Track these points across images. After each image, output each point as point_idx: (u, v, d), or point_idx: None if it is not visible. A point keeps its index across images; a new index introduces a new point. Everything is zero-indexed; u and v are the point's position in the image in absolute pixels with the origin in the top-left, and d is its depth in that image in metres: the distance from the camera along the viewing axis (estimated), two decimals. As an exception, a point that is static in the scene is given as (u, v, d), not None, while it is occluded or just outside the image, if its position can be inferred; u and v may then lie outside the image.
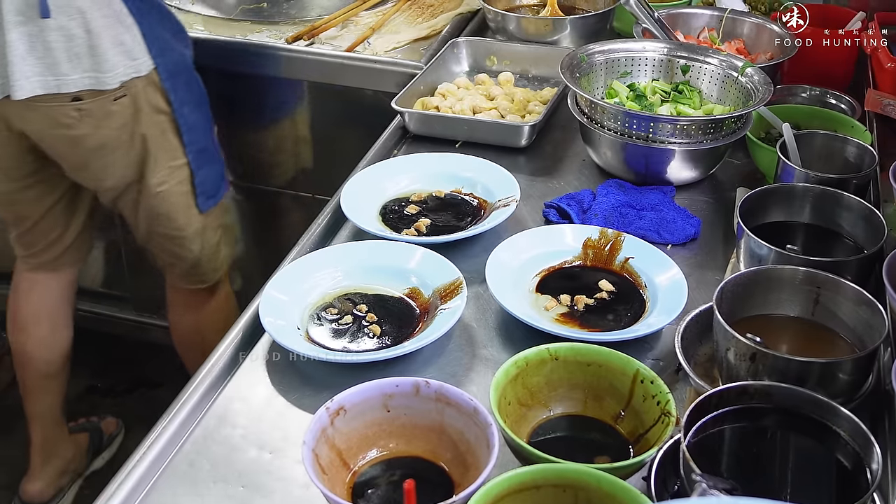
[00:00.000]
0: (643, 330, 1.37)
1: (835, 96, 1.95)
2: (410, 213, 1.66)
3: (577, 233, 1.56)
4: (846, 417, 1.06)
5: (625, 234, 1.53)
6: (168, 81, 2.01)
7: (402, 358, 1.34)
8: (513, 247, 1.52)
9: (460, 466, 1.14)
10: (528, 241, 1.54)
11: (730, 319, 1.20)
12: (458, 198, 1.71)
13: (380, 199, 1.69)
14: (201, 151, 2.11)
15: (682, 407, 1.19)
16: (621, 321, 1.42)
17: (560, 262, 1.53)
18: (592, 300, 1.45)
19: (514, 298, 1.43)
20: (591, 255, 1.53)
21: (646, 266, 1.49)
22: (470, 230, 1.60)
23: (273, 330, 1.36)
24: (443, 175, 1.74)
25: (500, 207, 1.64)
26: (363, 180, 1.72)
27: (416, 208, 1.68)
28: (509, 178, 1.69)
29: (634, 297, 1.46)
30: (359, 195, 1.67)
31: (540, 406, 1.23)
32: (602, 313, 1.43)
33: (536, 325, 1.37)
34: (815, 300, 1.28)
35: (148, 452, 1.23)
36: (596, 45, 1.90)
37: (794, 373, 1.14)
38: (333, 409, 1.15)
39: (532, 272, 1.50)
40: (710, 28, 2.15)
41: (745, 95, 1.79)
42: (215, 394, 1.33)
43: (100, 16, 1.88)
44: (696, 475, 0.99)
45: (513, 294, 1.44)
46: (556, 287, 1.48)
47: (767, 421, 1.10)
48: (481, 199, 1.70)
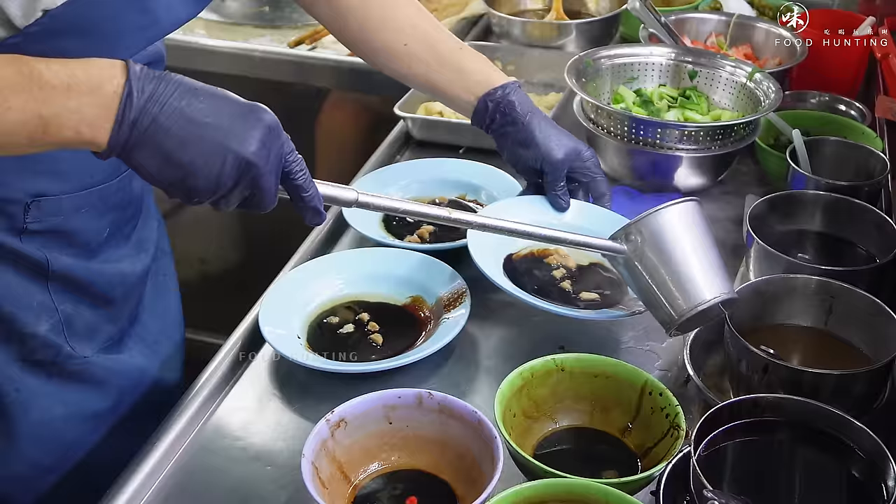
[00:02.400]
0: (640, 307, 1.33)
1: (845, 102, 1.93)
2: (413, 220, 1.64)
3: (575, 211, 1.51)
4: (861, 431, 1.04)
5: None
6: None
7: (404, 368, 1.32)
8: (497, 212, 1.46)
9: (464, 480, 1.12)
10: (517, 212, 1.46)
11: (741, 330, 1.18)
12: (462, 204, 1.69)
13: None
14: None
15: (691, 420, 1.17)
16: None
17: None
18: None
19: (496, 270, 1.39)
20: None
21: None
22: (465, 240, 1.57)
23: (273, 339, 1.33)
24: (446, 181, 1.72)
25: None
26: (366, 186, 1.69)
27: None
28: (514, 184, 1.67)
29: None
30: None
31: (545, 418, 1.20)
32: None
33: (521, 297, 1.34)
34: (828, 310, 1.26)
35: (143, 464, 1.20)
36: (602, 50, 1.88)
37: (808, 385, 1.12)
38: (334, 421, 1.12)
39: (515, 246, 1.46)
40: (717, 33, 2.12)
41: (753, 101, 1.76)
42: (213, 404, 1.31)
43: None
44: (707, 491, 0.96)
45: (495, 267, 1.40)
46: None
47: (780, 435, 1.08)
48: (485, 204, 1.67)
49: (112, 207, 1.37)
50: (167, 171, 1.03)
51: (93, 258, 1.36)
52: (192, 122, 1.02)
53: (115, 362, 1.42)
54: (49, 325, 1.32)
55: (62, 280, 1.32)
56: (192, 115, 1.02)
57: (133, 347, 1.46)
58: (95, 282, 1.36)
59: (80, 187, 1.30)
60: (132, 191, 1.41)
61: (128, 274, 1.42)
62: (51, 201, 1.27)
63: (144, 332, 1.49)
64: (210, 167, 1.03)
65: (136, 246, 1.45)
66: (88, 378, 1.38)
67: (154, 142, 1.01)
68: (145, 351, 1.48)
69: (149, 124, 1.00)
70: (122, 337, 1.45)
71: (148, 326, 1.50)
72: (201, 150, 1.02)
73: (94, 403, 1.39)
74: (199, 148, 1.02)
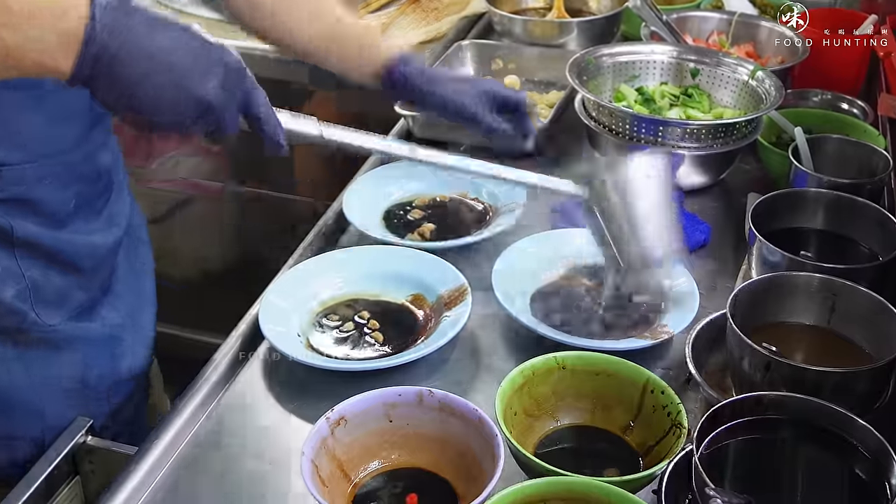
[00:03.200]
0: (653, 339, 1.34)
1: (847, 100, 1.92)
2: (414, 218, 1.63)
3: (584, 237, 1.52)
4: (864, 429, 1.03)
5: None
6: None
7: (404, 366, 1.31)
8: (519, 252, 1.48)
9: (464, 479, 1.11)
10: (536, 245, 1.50)
11: (744, 328, 1.17)
12: (464, 202, 1.68)
13: (383, 204, 1.67)
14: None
15: (693, 418, 1.16)
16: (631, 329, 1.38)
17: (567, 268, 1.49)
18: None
19: (521, 305, 1.40)
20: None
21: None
22: (475, 235, 1.56)
23: (273, 337, 1.33)
24: (448, 179, 1.71)
25: (506, 212, 1.61)
26: (367, 183, 1.69)
27: (420, 213, 1.65)
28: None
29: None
30: (362, 199, 1.64)
31: (547, 416, 1.20)
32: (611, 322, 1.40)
33: (543, 333, 1.34)
34: (831, 308, 1.25)
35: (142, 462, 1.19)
36: (603, 48, 1.87)
37: (811, 383, 1.11)
38: (334, 419, 1.12)
39: (539, 278, 1.47)
40: (719, 31, 2.12)
41: (755, 99, 1.76)
42: (213, 402, 1.30)
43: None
44: (710, 489, 0.95)
45: (520, 301, 1.41)
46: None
47: (782, 433, 1.07)
48: (487, 203, 1.67)
49: (78, 179, 1.35)
50: (126, 104, 1.02)
51: (61, 228, 1.35)
52: (153, 58, 1.00)
53: (85, 330, 1.41)
54: (15, 292, 1.31)
55: (28, 247, 1.31)
56: (154, 51, 1.00)
57: (105, 316, 1.45)
58: (64, 250, 1.36)
59: (40, 156, 1.29)
60: (100, 163, 1.40)
61: (98, 246, 1.42)
62: (14, 170, 1.26)
63: (118, 302, 1.48)
64: (169, 104, 1.02)
65: (107, 220, 1.44)
66: (55, 346, 1.38)
67: (114, 74, 0.99)
68: (117, 320, 1.47)
69: (110, 58, 0.98)
70: (93, 305, 1.44)
71: (122, 297, 1.49)
72: (161, 87, 1.01)
73: (59, 370, 1.39)
74: (158, 84, 1.01)
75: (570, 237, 1.52)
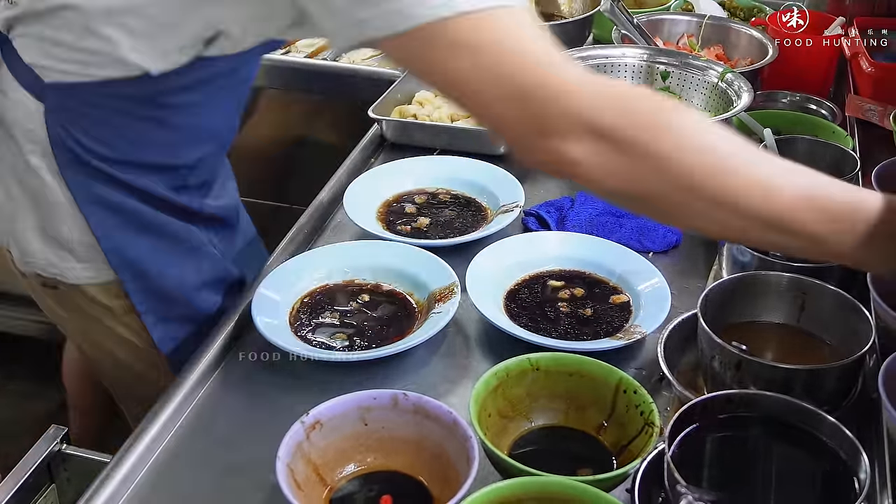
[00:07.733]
0: (625, 339, 1.35)
1: (815, 102, 1.94)
2: (410, 214, 1.65)
3: (558, 240, 1.54)
4: (833, 426, 1.04)
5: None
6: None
7: (387, 362, 1.32)
8: (493, 254, 1.49)
9: (440, 481, 1.12)
10: (509, 248, 1.51)
11: (714, 327, 1.18)
12: (470, 201, 1.70)
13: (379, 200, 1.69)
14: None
15: (666, 417, 1.17)
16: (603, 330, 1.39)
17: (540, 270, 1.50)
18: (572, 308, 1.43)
19: (493, 307, 1.40)
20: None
21: (627, 274, 1.47)
22: (467, 236, 1.58)
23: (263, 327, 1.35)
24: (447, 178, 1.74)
25: (503, 213, 1.63)
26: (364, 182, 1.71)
27: (415, 209, 1.67)
28: (515, 183, 1.68)
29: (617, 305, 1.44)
30: (359, 196, 1.66)
31: (521, 417, 1.20)
32: (584, 322, 1.41)
33: (516, 334, 1.34)
34: (800, 306, 1.26)
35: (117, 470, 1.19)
36: (575, 52, 1.89)
37: (780, 380, 1.12)
38: (309, 422, 1.12)
39: (513, 280, 1.48)
40: (689, 34, 2.14)
41: (725, 101, 1.78)
42: (186, 410, 1.30)
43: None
44: (681, 486, 0.96)
45: (492, 303, 1.42)
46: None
47: (753, 430, 1.08)
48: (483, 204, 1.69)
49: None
50: None
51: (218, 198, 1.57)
52: None
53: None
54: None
55: (211, 220, 1.53)
56: None
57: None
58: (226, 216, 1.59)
59: (227, 143, 1.52)
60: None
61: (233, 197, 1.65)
62: (206, 162, 1.48)
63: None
64: None
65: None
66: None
67: None
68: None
69: None
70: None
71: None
72: None
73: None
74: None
75: (542, 240, 1.54)
